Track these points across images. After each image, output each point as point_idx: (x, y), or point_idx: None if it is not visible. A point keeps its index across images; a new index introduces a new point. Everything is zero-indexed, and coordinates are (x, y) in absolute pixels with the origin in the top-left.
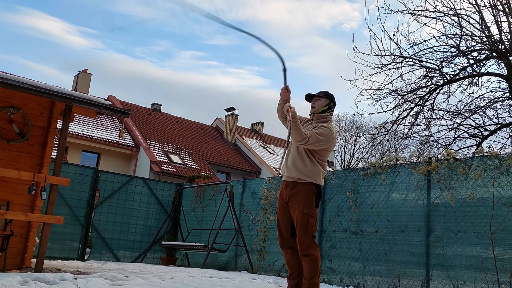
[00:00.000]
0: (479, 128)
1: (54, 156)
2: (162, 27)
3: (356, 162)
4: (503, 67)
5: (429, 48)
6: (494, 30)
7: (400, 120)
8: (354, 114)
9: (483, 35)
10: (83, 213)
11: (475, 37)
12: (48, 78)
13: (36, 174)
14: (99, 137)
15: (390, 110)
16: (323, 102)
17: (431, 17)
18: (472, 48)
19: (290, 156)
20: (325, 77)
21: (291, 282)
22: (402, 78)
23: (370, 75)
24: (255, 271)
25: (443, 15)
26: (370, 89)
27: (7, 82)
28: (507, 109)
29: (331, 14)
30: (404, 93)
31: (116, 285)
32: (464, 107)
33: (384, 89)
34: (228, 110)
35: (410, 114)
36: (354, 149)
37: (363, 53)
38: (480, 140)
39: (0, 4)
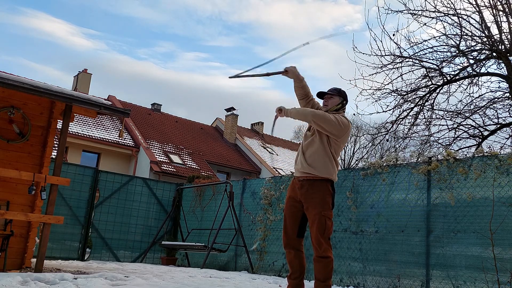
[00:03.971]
0: (479, 128)
1: (54, 156)
2: (166, 28)
3: (356, 162)
4: (503, 67)
5: (429, 48)
6: (494, 30)
7: (400, 120)
8: (354, 114)
9: (483, 35)
10: (83, 213)
11: (475, 37)
12: (52, 79)
13: (36, 174)
14: (99, 137)
15: (390, 110)
16: (336, 100)
17: (431, 17)
18: (472, 48)
19: (308, 152)
20: (327, 79)
21: (291, 282)
22: (402, 78)
23: (370, 75)
24: (255, 271)
25: (443, 15)
26: (370, 89)
27: (7, 82)
28: (507, 109)
29: (334, 16)
30: (404, 93)
31: (116, 285)
32: (464, 107)
33: (384, 89)
34: (228, 110)
35: (410, 114)
36: (354, 149)
37: (363, 53)
38: (480, 140)
39: (3, 6)
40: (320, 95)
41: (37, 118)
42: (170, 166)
